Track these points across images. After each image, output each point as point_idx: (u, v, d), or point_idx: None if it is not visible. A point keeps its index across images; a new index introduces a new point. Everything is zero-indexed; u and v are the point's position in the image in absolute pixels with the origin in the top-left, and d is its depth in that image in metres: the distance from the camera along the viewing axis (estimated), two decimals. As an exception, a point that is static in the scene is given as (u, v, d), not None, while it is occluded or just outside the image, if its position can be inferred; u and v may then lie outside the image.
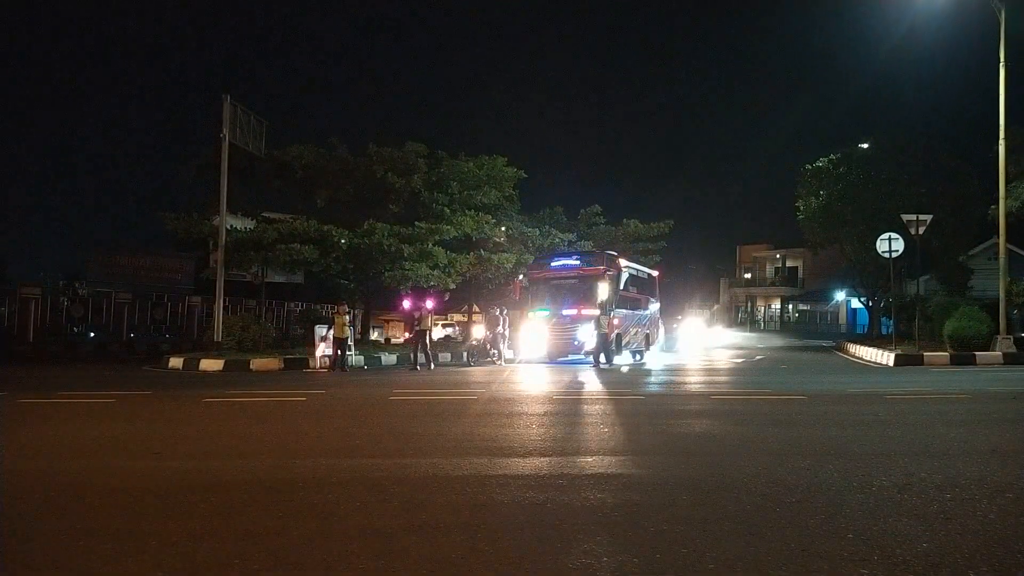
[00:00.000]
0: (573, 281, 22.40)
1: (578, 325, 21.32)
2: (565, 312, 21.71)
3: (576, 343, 21.27)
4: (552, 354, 21.72)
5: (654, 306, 26.80)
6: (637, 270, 25.66)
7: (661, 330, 27.36)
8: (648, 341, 25.21)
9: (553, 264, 23.63)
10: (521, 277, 25.38)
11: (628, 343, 22.63)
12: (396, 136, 27.25)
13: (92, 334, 26.39)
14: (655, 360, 23.03)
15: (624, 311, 22.26)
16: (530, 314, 22.61)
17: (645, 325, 24.97)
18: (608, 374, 16.61)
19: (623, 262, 23.62)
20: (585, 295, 21.58)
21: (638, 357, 23.39)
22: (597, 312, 20.74)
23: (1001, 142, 19.88)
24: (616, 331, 21.31)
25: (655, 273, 27.97)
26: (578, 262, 23.13)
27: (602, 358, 19.78)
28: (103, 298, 26.41)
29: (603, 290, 21.38)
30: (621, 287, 22.74)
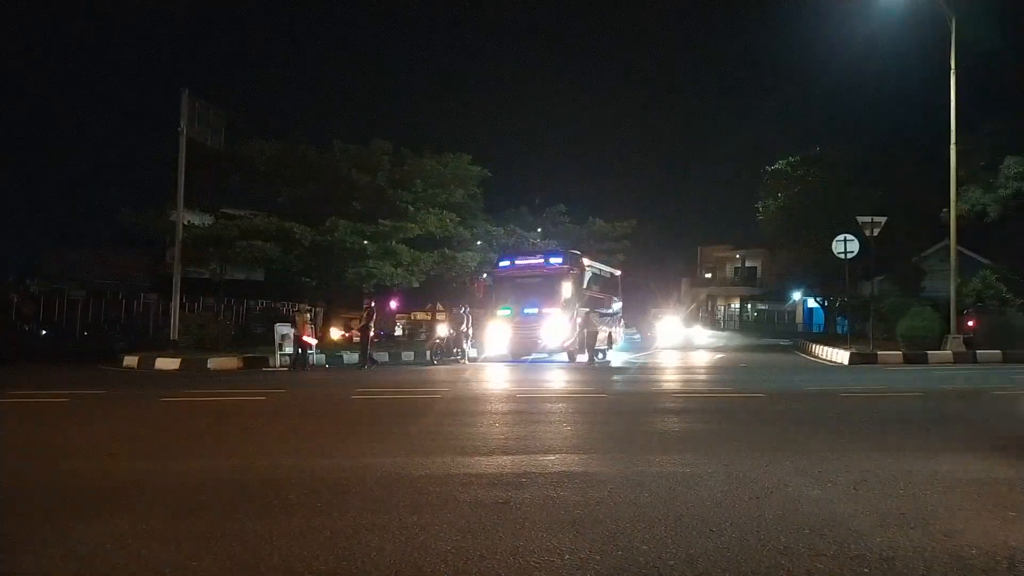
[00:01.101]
0: (537, 279, 22.37)
1: (541, 323, 21.34)
2: (529, 310, 21.68)
3: (540, 342, 21.28)
4: (516, 352, 21.72)
5: (617, 305, 26.89)
6: (600, 269, 25.66)
7: (621, 329, 27.47)
8: (611, 340, 25.16)
9: (517, 262, 23.61)
10: (485, 275, 25.27)
11: (591, 342, 22.78)
12: (361, 133, 27.04)
13: (44, 332, 25.67)
14: (618, 359, 23.15)
15: (587, 310, 22.43)
16: (494, 312, 22.57)
17: (608, 324, 24.96)
18: (571, 372, 16.67)
19: (586, 261, 23.67)
20: (549, 293, 21.58)
21: (601, 356, 23.36)
22: (560, 311, 20.68)
23: (952, 147, 20.45)
24: (579, 330, 21.44)
25: (618, 272, 28.08)
26: (542, 260, 23.11)
27: (565, 356, 19.77)
28: (56, 296, 25.72)
29: (567, 289, 21.44)
30: (584, 286, 22.85)
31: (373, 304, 20.22)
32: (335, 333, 25.74)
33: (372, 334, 19.39)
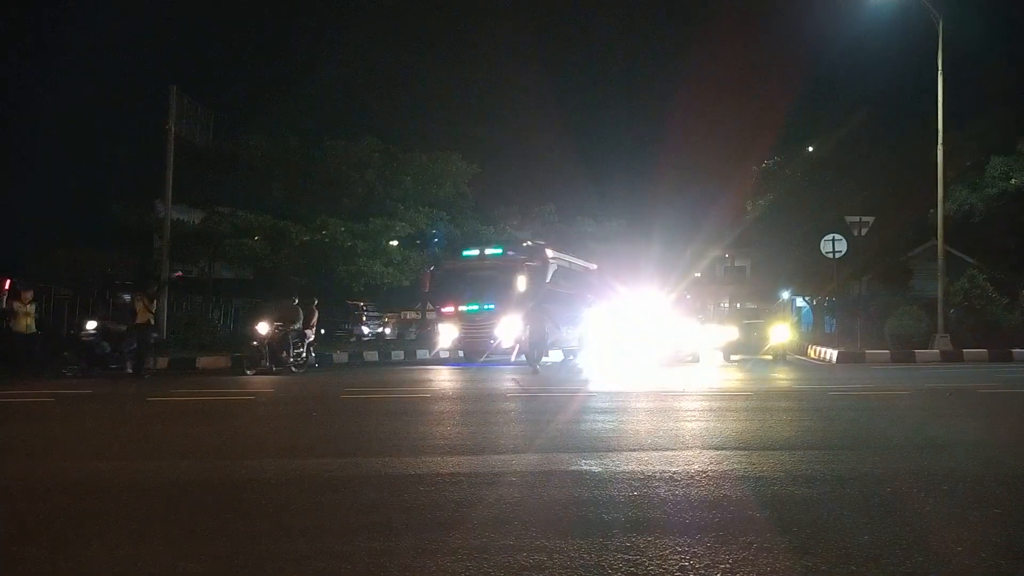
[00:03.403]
0: (490, 272, 20.02)
1: (494, 321, 19.07)
2: (480, 307, 19.51)
3: (493, 341, 19.00)
4: (469, 354, 19.63)
5: (592, 302, 24.21)
6: (570, 263, 23.37)
7: (597, 328, 24.28)
8: (583, 340, 22.80)
9: (468, 254, 21.27)
10: (433, 268, 22.65)
11: (558, 341, 20.95)
12: (351, 132, 26.96)
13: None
14: (592, 360, 21.53)
15: (552, 307, 19.99)
16: (443, 309, 20.31)
17: (580, 323, 22.57)
18: (530, 375, 15.31)
19: (551, 253, 21.43)
20: (503, 288, 19.29)
21: (571, 357, 21.65)
22: (516, 306, 18.76)
23: (939, 147, 20.60)
24: (540, 328, 19.18)
25: (594, 267, 25.78)
26: (498, 251, 20.81)
27: (525, 357, 18.14)
28: (42, 294, 25.48)
29: (523, 282, 19.26)
30: (548, 279, 20.63)
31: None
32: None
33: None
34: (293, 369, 16.40)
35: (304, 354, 16.92)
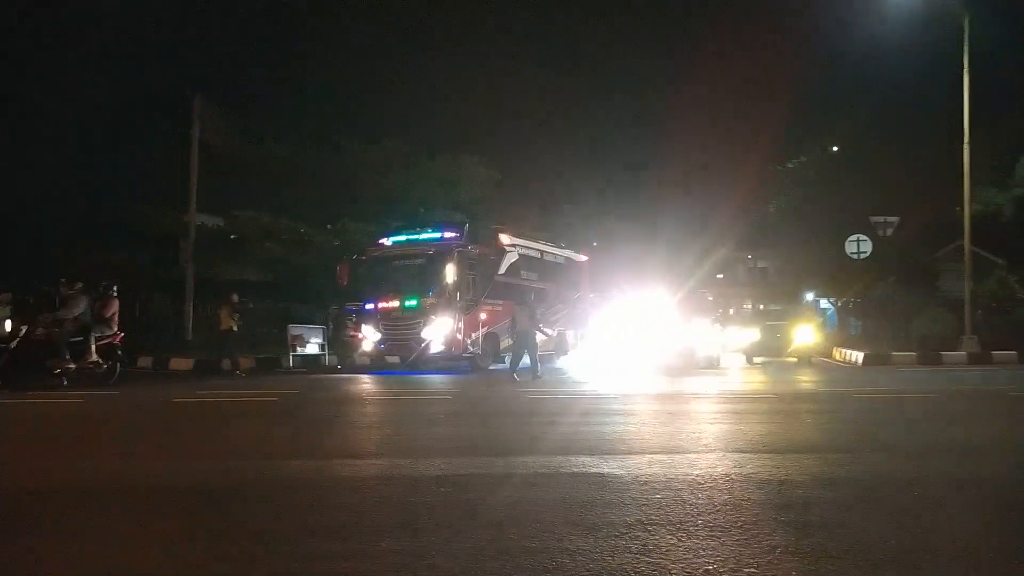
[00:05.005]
0: (420, 261, 17.06)
1: (422, 319, 16.46)
2: (403, 303, 16.77)
3: (419, 343, 16.41)
4: (397, 356, 17.29)
5: (576, 300, 21.52)
6: (541, 251, 20.23)
7: (596, 329, 21.30)
8: (564, 343, 20.26)
9: (397, 239, 18.14)
10: (356, 256, 19.03)
11: (527, 346, 16.93)
12: (372, 136, 27.16)
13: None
14: (578, 365, 19.17)
15: (509, 303, 16.66)
16: (364, 306, 17.57)
17: (557, 322, 19.70)
18: (477, 384, 13.75)
19: (507, 239, 18.46)
20: (434, 280, 16.53)
21: (550, 362, 18.99)
22: (447, 301, 16.38)
23: (966, 146, 20.30)
24: (487, 328, 16.92)
25: (582, 258, 22.51)
26: (433, 236, 17.61)
27: (478, 360, 16.68)
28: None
29: (457, 273, 16.37)
30: (501, 271, 17.96)
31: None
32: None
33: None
34: (61, 378, 11.93)
35: (98, 359, 12.35)
